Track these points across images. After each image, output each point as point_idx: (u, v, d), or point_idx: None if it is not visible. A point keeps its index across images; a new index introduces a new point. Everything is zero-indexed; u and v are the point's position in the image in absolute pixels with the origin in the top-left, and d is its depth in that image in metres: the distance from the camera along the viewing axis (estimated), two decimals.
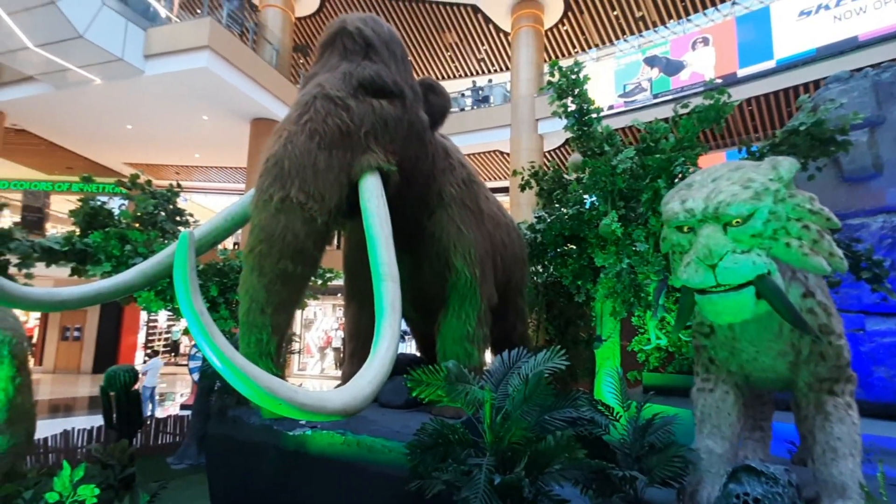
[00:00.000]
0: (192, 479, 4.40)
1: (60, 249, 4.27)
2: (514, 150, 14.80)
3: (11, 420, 3.31)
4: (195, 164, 17.72)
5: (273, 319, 2.37)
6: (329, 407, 1.81)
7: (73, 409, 10.78)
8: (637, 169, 5.41)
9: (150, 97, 11.89)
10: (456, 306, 3.56)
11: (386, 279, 2.42)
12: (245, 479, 3.25)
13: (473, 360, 3.55)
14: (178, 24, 11.42)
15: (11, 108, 12.61)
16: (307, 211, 2.46)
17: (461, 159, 4.00)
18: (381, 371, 2.06)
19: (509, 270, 4.71)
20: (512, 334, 5.03)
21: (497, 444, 1.90)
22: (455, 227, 3.55)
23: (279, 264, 2.38)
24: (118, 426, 4.48)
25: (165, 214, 5.32)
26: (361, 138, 2.72)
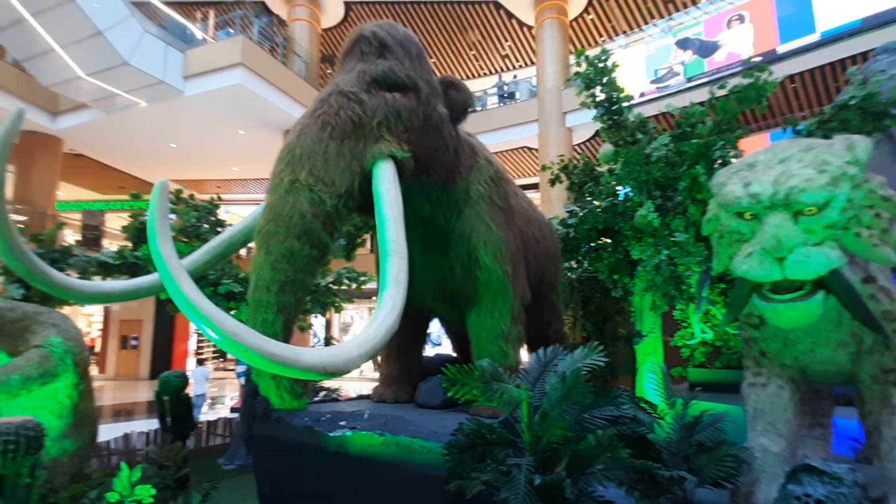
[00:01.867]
0: (242, 479, 4.59)
1: (114, 263, 4.58)
2: (542, 145, 14.57)
3: (76, 424, 3.56)
4: (234, 178, 18.48)
5: (278, 298, 2.42)
6: (303, 361, 1.77)
7: (133, 413, 11.44)
8: (672, 156, 5.20)
9: (190, 116, 12.51)
10: (489, 305, 3.54)
11: (392, 255, 2.44)
12: (290, 479, 3.35)
13: (509, 358, 3.51)
14: (213, 43, 11.96)
15: (69, 135, 13.58)
16: (315, 193, 2.53)
17: (488, 157, 3.98)
18: (373, 337, 2.06)
19: (542, 267, 4.63)
20: (547, 332, 4.95)
21: (536, 443, 1.87)
22: (484, 224, 3.53)
23: (285, 243, 2.44)
24: (172, 429, 4.73)
25: (208, 226, 5.58)
26: (374, 128, 2.79)
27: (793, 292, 1.68)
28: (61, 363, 3.40)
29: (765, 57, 11.43)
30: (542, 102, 14.73)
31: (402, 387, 4.05)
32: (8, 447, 1.97)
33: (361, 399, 4.40)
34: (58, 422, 3.47)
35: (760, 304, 1.75)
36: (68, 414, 3.53)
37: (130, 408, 12.21)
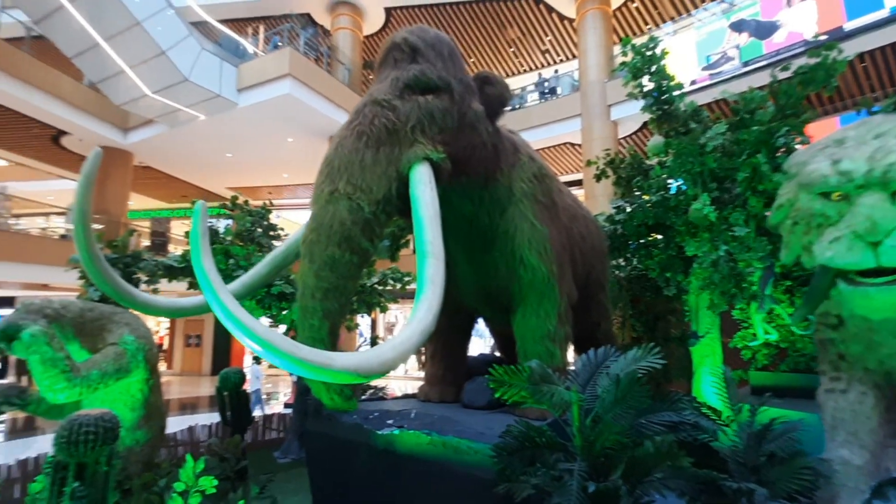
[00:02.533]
0: (295, 473, 4.77)
1: (178, 266, 4.92)
2: (585, 140, 14.15)
3: (147, 417, 3.83)
4: (284, 184, 19.30)
5: (323, 305, 2.51)
6: (336, 364, 1.81)
7: (197, 406, 12.24)
8: (730, 145, 4.89)
9: (243, 126, 13.19)
10: (534, 304, 3.47)
11: (429, 256, 2.45)
12: (341, 474, 3.44)
13: (556, 359, 3.43)
14: (263, 56, 12.54)
15: (138, 149, 14.71)
16: (354, 201, 2.61)
17: (531, 154, 3.90)
18: (408, 339, 2.08)
19: (589, 264, 4.48)
20: (595, 332, 4.79)
21: (588, 448, 1.80)
22: (528, 222, 3.46)
23: (327, 251, 2.53)
24: (231, 423, 4.99)
25: (261, 230, 5.87)
26: (408, 133, 2.83)
27: None
28: (134, 359, 3.67)
29: (831, 35, 10.50)
30: (584, 96, 14.30)
31: (448, 386, 4.05)
32: (88, 437, 2.16)
33: (408, 398, 4.44)
34: (131, 414, 3.75)
35: (847, 290, 1.57)
36: (140, 407, 3.80)
37: (194, 401, 13.05)
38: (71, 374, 3.15)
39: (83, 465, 2.13)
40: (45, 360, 3.01)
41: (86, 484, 2.09)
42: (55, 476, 2.12)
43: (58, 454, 2.16)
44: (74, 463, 2.12)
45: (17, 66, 11.13)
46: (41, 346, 2.98)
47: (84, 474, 2.12)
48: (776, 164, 4.42)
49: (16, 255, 11.29)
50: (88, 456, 2.14)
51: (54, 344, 3.09)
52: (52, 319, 3.29)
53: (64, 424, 2.22)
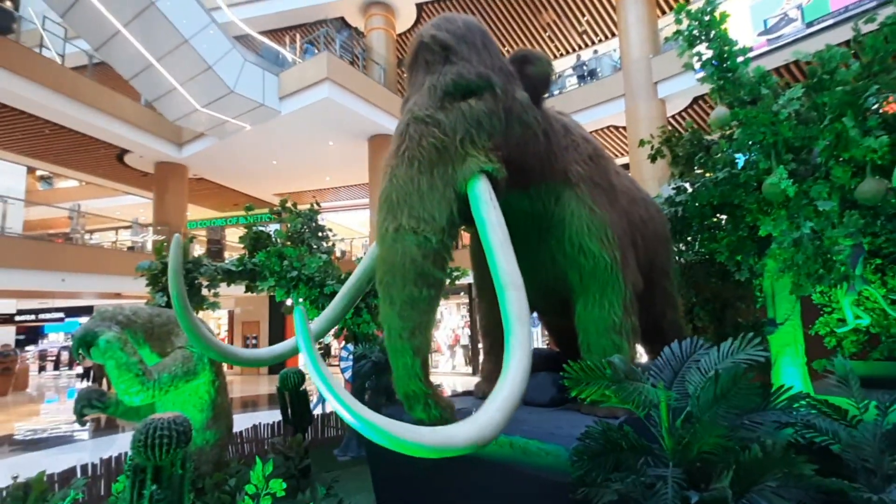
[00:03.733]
0: (357, 471, 4.80)
1: (236, 270, 5.09)
2: (630, 121, 13.48)
3: (215, 417, 3.97)
4: (327, 187, 19.79)
5: (411, 343, 2.44)
6: (459, 442, 1.78)
7: (258, 404, 12.83)
8: (806, 111, 4.41)
9: (287, 133, 13.59)
10: (597, 295, 3.25)
11: (508, 288, 2.29)
12: (403, 474, 3.39)
13: (623, 352, 3.20)
14: (302, 63, 12.83)
15: (191, 162, 15.54)
16: (420, 234, 2.48)
17: (584, 134, 3.67)
18: (512, 396, 1.94)
19: (652, 250, 4.19)
20: (661, 322, 4.48)
21: (682, 452, 1.61)
22: (586, 207, 3.25)
23: (405, 291, 2.44)
24: (293, 421, 5.11)
25: (310, 231, 5.97)
26: (458, 148, 2.65)
27: None
28: (200, 362, 3.80)
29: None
30: (628, 75, 13.61)
31: None
32: (163, 441, 2.21)
33: (464, 395, 4.34)
34: (200, 415, 3.89)
35: None
36: (208, 408, 3.94)
37: (256, 399, 13.70)
38: (144, 377, 3.29)
39: (160, 469, 2.19)
40: (120, 365, 3.15)
41: (163, 487, 2.15)
42: (134, 479, 2.19)
43: (136, 457, 2.24)
44: (152, 466, 2.18)
45: (82, 91, 12.00)
46: (116, 351, 3.13)
47: (161, 477, 2.18)
48: (866, 128, 3.94)
49: (91, 267, 12.23)
50: (164, 459, 2.20)
51: (128, 349, 3.23)
52: (124, 325, 3.46)
53: (140, 428, 2.29)
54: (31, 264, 10.95)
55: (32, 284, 11.29)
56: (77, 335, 3.17)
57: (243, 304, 19.86)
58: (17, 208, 14.69)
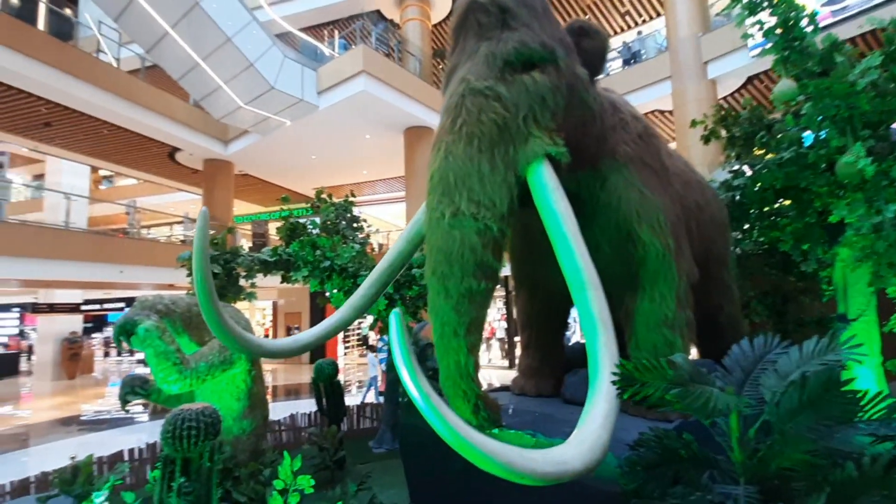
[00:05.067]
0: (391, 464, 4.76)
1: (271, 260, 5.15)
2: (677, 104, 12.70)
3: (252, 406, 4.01)
4: (364, 181, 19.99)
5: (467, 340, 2.25)
6: (570, 469, 1.62)
7: (299, 392, 13.23)
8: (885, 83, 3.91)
9: (325, 128, 13.77)
10: (647, 286, 2.99)
11: (588, 288, 2.07)
12: (438, 471, 3.28)
13: (676, 349, 2.93)
14: (339, 57, 12.92)
15: (236, 158, 16.08)
16: (480, 221, 2.26)
17: (633, 112, 3.37)
18: (613, 411, 1.75)
19: (708, 238, 3.84)
20: (717, 317, 4.12)
21: (756, 467, 1.37)
22: (636, 191, 2.98)
23: (463, 283, 2.24)
24: (328, 412, 5.13)
25: (345, 222, 5.96)
26: (520, 126, 2.40)
27: None
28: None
29: None
30: (674, 55, 12.80)
31: (545, 379, 3.71)
32: (190, 432, 2.19)
33: (501, 391, 4.17)
34: (237, 404, 3.93)
35: None
36: (245, 397, 3.98)
37: (297, 388, 14.18)
38: (182, 366, 3.33)
39: (188, 461, 2.18)
40: (159, 354, 3.20)
41: (191, 479, 2.13)
42: (164, 470, 2.18)
43: (165, 448, 2.23)
44: (180, 458, 2.17)
45: (136, 93, 12.63)
46: (154, 339, 3.18)
47: (189, 469, 2.16)
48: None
49: (148, 260, 12.94)
50: (192, 451, 2.18)
51: (166, 338, 3.28)
52: (163, 314, 3.52)
53: (168, 419, 2.29)
54: (93, 257, 11.71)
55: (95, 276, 12.08)
56: (118, 323, 3.26)
57: (286, 296, 20.51)
58: (82, 205, 15.76)
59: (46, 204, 15.87)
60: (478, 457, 1.52)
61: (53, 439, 8.97)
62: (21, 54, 9.93)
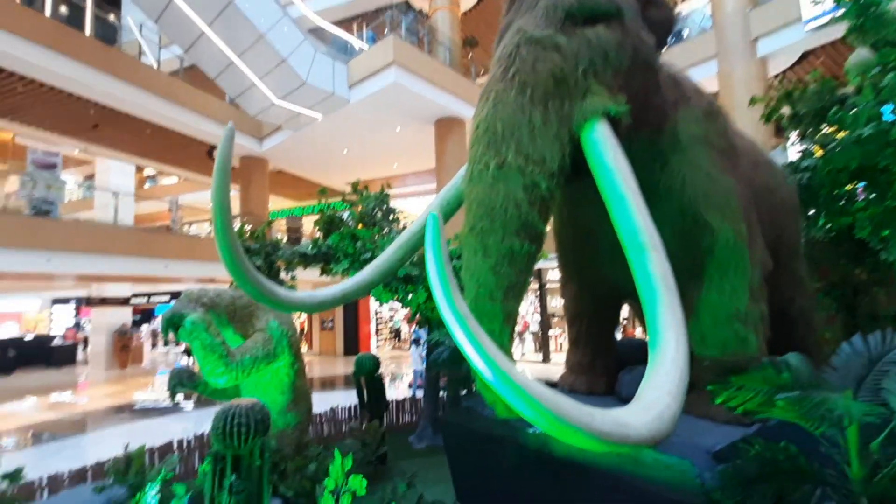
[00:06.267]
0: (433, 461, 4.68)
1: (310, 253, 5.15)
2: (723, 85, 11.99)
3: (296, 400, 4.00)
4: (395, 174, 20.00)
5: (504, 307, 2.06)
6: (633, 436, 1.36)
7: (335, 384, 13.49)
8: None
9: (356, 121, 13.79)
10: (715, 277, 2.73)
11: (648, 249, 1.88)
12: (485, 470, 3.15)
13: (750, 346, 2.67)
14: (369, 49, 12.87)
15: (271, 155, 16.38)
16: (528, 176, 2.08)
17: (695, 87, 3.10)
18: (683, 379, 1.53)
19: (778, 224, 3.52)
20: (789, 310, 3.78)
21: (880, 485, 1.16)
22: (702, 173, 2.72)
23: (504, 242, 2.06)
24: (368, 407, 5.10)
25: (381, 213, 5.91)
26: (579, 80, 2.21)
27: None
28: (279, 345, 3.82)
29: None
30: (720, 32, 12.05)
31: (597, 376, 3.51)
32: (240, 429, 2.15)
33: None
34: (281, 397, 3.93)
35: None
36: (289, 390, 3.97)
37: (333, 380, 14.45)
38: (228, 359, 3.33)
39: (239, 458, 2.13)
40: (205, 346, 3.20)
41: (242, 477, 2.09)
42: (215, 466, 2.15)
43: (215, 444, 2.20)
44: (231, 455, 2.13)
45: (175, 93, 13.02)
46: (201, 332, 3.18)
47: (240, 467, 2.12)
48: None
49: (190, 254, 13.41)
50: (243, 448, 2.13)
51: (212, 330, 3.28)
52: (208, 307, 3.53)
53: (218, 414, 2.26)
54: (140, 252, 12.23)
55: (141, 270, 12.63)
56: (165, 316, 3.29)
57: None
58: (129, 203, 16.49)
59: (97, 203, 16.69)
60: (515, 392, 1.28)
61: (108, 426, 9.44)
62: (71, 59, 10.37)
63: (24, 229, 9.96)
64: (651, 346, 1.66)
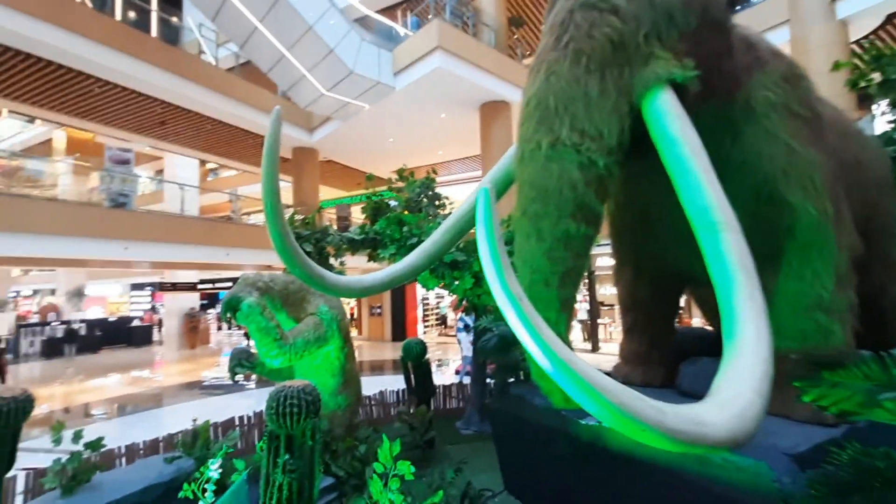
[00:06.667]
0: (480, 447, 4.67)
1: (358, 238, 5.23)
2: (797, 52, 10.84)
3: (346, 383, 4.10)
4: (439, 161, 19.97)
5: (560, 293, 1.95)
6: (711, 435, 1.21)
7: (384, 368, 13.89)
8: None
9: (401, 109, 13.84)
10: (795, 262, 2.46)
11: (723, 229, 1.69)
12: (535, 460, 3.08)
13: (833, 338, 2.40)
14: (414, 35, 12.81)
15: (321, 146, 16.87)
16: (584, 154, 1.94)
17: (772, 49, 2.77)
18: (764, 371, 1.37)
19: (870, 203, 3.12)
20: (880, 300, 3.38)
21: None
22: (781, 145, 2.44)
23: (559, 225, 1.94)
24: (416, 392, 5.16)
25: (427, 200, 5.88)
26: (640, 44, 2.01)
27: None
28: (330, 328, 3.92)
29: None
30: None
31: (654, 367, 3.31)
32: (292, 410, 2.21)
33: None
34: (332, 380, 4.04)
35: None
36: (339, 373, 4.08)
37: (381, 364, 14.91)
38: (281, 341, 3.46)
39: (292, 438, 2.20)
40: (260, 329, 3.34)
41: (295, 457, 2.15)
42: (270, 445, 2.23)
43: (269, 424, 2.28)
44: (284, 434, 2.20)
45: (232, 89, 13.64)
46: (256, 315, 3.31)
47: (293, 446, 2.18)
48: None
49: (249, 243, 14.17)
50: (295, 428, 2.20)
51: (266, 314, 3.41)
52: (263, 291, 3.68)
53: (272, 395, 2.33)
54: (204, 241, 13.08)
55: (206, 258, 13.52)
56: (224, 300, 3.45)
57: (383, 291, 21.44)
58: (194, 195, 17.63)
59: (166, 195, 17.98)
60: (575, 383, 1.17)
61: (180, 401, 10.27)
62: (139, 60, 11.12)
63: (104, 220, 10.92)
64: (726, 337, 1.50)
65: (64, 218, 10.16)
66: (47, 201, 10.61)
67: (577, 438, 2.51)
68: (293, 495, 2.08)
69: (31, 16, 9.11)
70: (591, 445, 2.43)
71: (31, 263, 18.34)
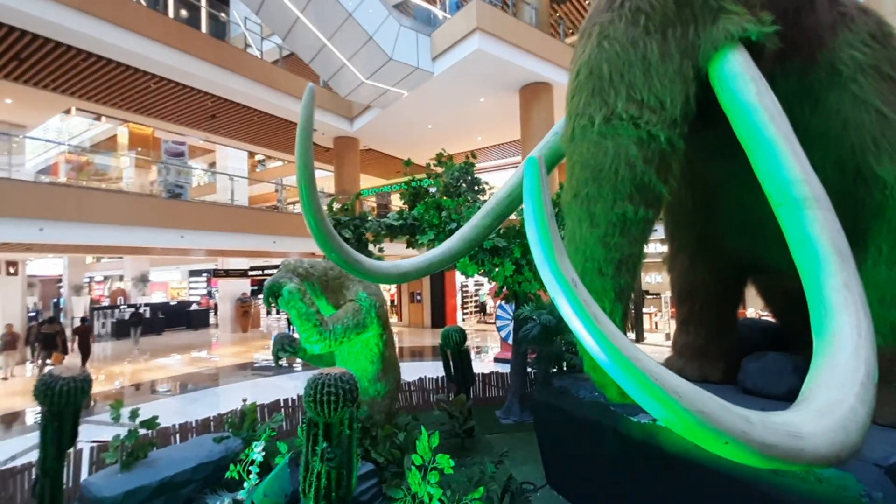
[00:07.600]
0: (521, 437, 4.57)
1: (396, 224, 5.21)
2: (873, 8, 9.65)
3: (385, 369, 4.10)
4: (478, 147, 19.68)
5: (615, 282, 1.78)
6: (808, 448, 1.02)
7: (423, 354, 14.13)
8: None
9: (439, 94, 13.68)
10: (884, 245, 2.16)
11: (810, 206, 1.46)
12: (580, 456, 2.94)
13: None
14: (452, 18, 12.55)
15: (361, 134, 17.04)
16: (643, 128, 1.73)
17: (858, 5, 2.41)
18: (867, 373, 1.18)
19: None
20: None
21: None
22: (871, 111, 2.12)
23: (615, 209, 1.76)
24: (455, 379, 5.11)
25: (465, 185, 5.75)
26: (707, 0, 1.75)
27: None
28: (368, 315, 3.92)
29: None
30: None
31: (712, 361, 3.07)
32: (330, 398, 2.19)
33: None
34: (371, 367, 4.06)
35: None
36: (378, 360, 4.08)
37: (421, 350, 15.18)
38: (321, 327, 3.49)
39: (329, 426, 2.19)
40: (301, 315, 3.37)
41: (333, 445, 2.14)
42: (309, 432, 2.23)
43: (308, 412, 2.29)
44: (322, 422, 2.19)
45: (277, 81, 13.98)
46: (297, 301, 3.35)
47: (331, 434, 2.17)
48: None
49: (293, 231, 14.64)
50: (333, 417, 2.18)
51: (307, 300, 3.44)
52: (303, 277, 3.71)
53: (309, 382, 2.33)
54: (253, 229, 13.64)
55: (255, 245, 14.11)
56: (266, 285, 3.51)
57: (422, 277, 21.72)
58: (244, 185, 18.39)
59: (218, 186, 18.86)
60: (636, 380, 1.01)
61: (234, 381, 10.87)
62: (191, 56, 11.59)
63: (162, 210, 11.59)
64: (816, 332, 1.30)
65: (128, 208, 10.88)
66: (114, 193, 11.39)
67: (628, 436, 2.35)
68: (332, 483, 2.07)
69: (93, 15, 9.67)
70: (644, 445, 2.26)
71: (100, 251, 19.89)
